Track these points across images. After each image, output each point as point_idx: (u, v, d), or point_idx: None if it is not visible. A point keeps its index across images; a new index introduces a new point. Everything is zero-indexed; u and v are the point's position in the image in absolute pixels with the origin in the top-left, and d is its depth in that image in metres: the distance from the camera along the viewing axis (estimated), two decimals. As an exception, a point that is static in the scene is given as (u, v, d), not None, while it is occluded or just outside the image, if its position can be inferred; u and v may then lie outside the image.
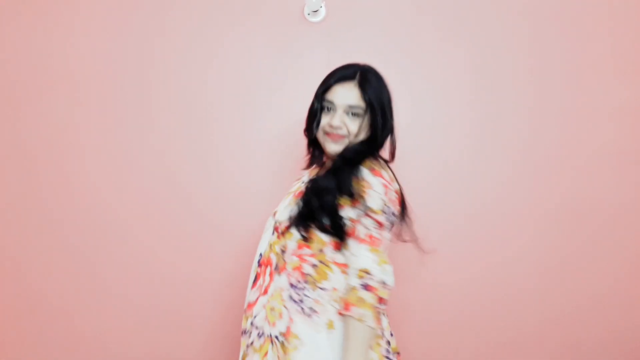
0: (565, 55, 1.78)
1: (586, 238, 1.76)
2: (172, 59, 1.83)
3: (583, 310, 1.77)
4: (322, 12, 1.78)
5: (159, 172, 1.82)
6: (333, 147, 1.24)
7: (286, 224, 1.22)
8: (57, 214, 1.83)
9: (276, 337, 1.14)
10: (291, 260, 1.19)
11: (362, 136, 1.24)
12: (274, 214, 1.30)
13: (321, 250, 1.18)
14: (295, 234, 1.20)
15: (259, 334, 1.18)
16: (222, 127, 1.83)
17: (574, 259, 1.77)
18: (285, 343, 1.12)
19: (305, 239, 1.18)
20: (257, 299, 1.22)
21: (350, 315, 1.08)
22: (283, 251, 1.21)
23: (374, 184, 1.15)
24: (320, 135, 1.28)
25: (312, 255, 1.18)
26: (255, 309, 1.21)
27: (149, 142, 1.83)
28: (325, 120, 1.25)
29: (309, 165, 1.41)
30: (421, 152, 1.79)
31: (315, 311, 1.13)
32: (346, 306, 1.09)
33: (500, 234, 1.78)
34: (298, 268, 1.18)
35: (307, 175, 1.37)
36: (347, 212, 1.15)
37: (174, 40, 1.83)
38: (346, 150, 1.23)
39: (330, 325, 1.12)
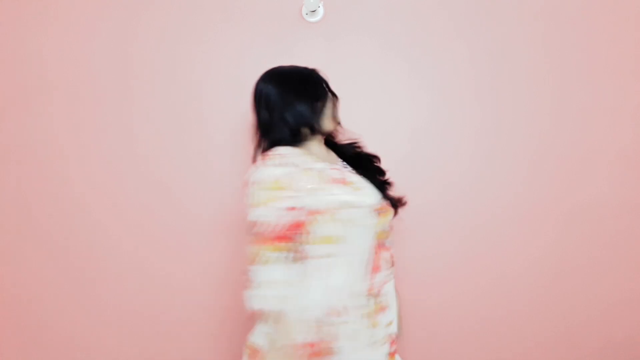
0: (583, 56, 1.77)
1: (602, 243, 1.76)
2: (167, 59, 1.80)
3: (601, 318, 1.77)
4: (320, 11, 1.77)
5: (148, 175, 1.79)
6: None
7: (384, 203, 1.28)
8: (41, 219, 1.79)
9: None
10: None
11: None
12: (363, 203, 1.24)
13: None
14: (391, 211, 1.30)
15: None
16: (217, 129, 1.80)
17: (588, 264, 1.76)
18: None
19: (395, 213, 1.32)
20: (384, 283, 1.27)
21: None
22: (386, 231, 1.29)
23: None
24: (331, 124, 1.34)
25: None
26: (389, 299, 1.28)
27: (140, 145, 1.80)
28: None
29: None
30: (429, 152, 1.78)
31: None
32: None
33: (511, 239, 1.77)
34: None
35: (330, 162, 1.32)
36: None
37: (169, 39, 1.80)
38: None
39: None
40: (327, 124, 1.32)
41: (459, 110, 1.79)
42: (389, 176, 1.35)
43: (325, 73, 1.34)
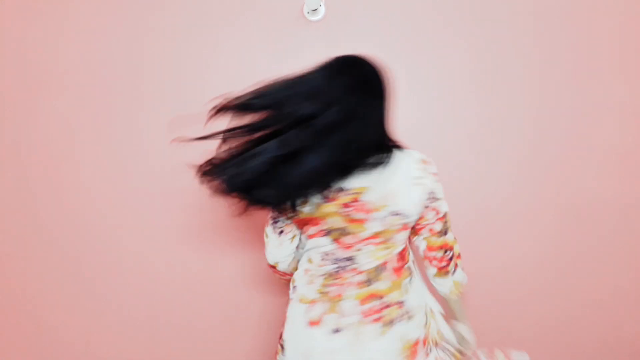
0: (572, 54, 1.78)
1: (596, 238, 1.77)
2: (168, 57, 1.82)
3: (591, 312, 1.78)
4: (322, 10, 1.78)
5: (152, 173, 1.81)
6: None
7: None
8: (48, 218, 1.82)
9: None
10: None
11: None
12: None
13: None
14: None
15: None
16: (218, 128, 1.81)
17: (582, 260, 1.78)
18: None
19: None
20: None
21: None
22: None
23: None
24: None
25: None
26: None
27: (143, 143, 1.82)
28: None
29: None
30: (425, 150, 1.77)
31: None
32: None
33: (507, 235, 1.79)
34: None
35: None
36: None
37: (169, 38, 1.82)
38: None
39: None
40: None
41: (461, 109, 1.80)
42: None
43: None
